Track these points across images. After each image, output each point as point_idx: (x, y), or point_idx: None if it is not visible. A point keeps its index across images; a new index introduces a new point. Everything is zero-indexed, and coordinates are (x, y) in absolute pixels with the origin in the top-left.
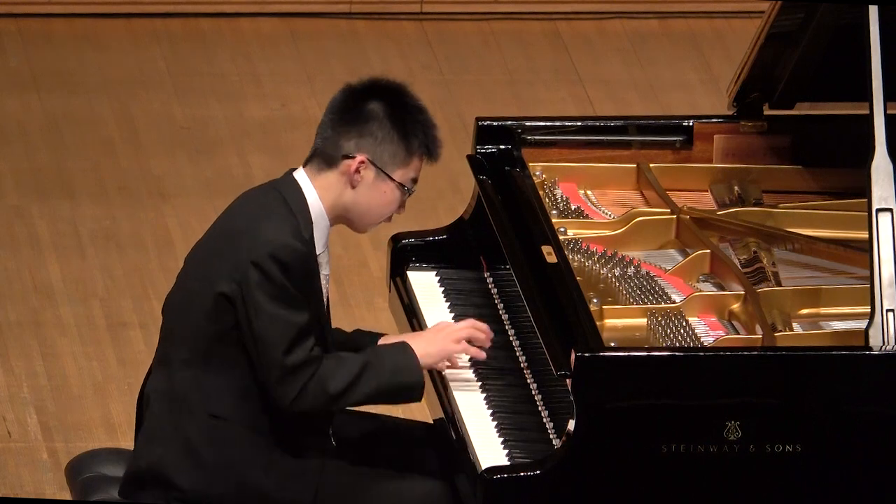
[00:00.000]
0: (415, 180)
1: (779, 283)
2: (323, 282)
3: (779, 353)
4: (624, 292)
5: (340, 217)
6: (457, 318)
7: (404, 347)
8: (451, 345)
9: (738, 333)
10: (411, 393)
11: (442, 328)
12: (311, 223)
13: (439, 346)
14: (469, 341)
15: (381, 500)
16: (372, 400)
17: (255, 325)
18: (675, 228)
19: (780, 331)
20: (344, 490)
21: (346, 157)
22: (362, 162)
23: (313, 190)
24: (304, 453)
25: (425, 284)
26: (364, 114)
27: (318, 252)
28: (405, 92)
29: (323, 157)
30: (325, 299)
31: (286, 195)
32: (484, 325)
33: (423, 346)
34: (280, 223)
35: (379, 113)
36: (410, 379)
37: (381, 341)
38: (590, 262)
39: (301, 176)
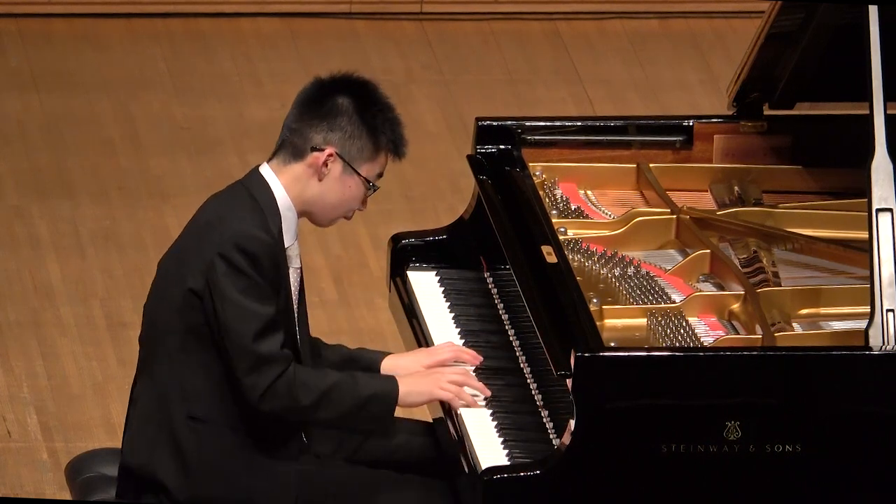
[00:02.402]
0: (380, 175)
1: (779, 283)
2: (293, 276)
3: (779, 353)
4: (624, 292)
5: (303, 211)
6: (457, 319)
7: (389, 380)
8: (437, 390)
9: (738, 333)
10: (378, 424)
11: (433, 371)
12: (279, 216)
13: (426, 388)
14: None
15: (380, 501)
16: (340, 420)
17: (222, 316)
18: (675, 228)
19: (780, 331)
20: (341, 490)
21: (315, 149)
22: (331, 155)
23: (279, 183)
24: (289, 453)
25: (425, 284)
26: (333, 107)
27: (287, 244)
28: (374, 89)
29: (290, 149)
30: (295, 294)
31: (252, 190)
32: (476, 382)
33: (410, 385)
34: (246, 215)
35: (348, 107)
36: (381, 410)
37: (386, 360)
38: (590, 262)
39: (266, 171)
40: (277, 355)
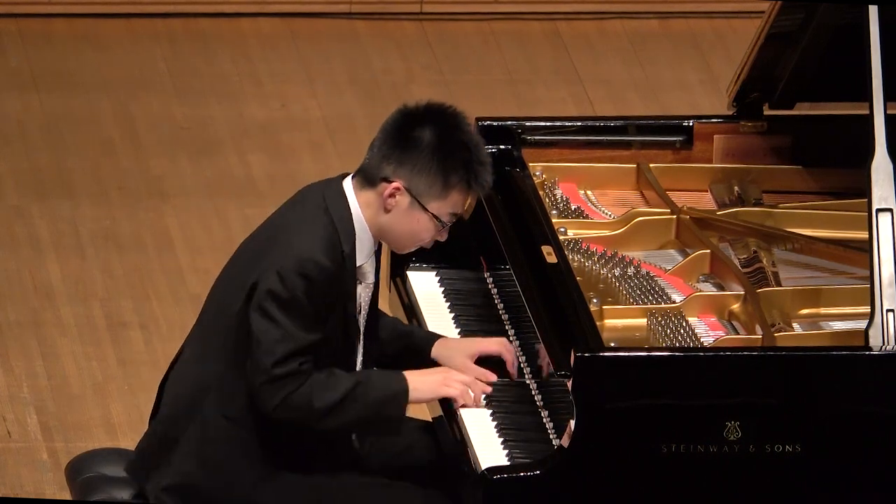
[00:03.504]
0: (454, 215)
1: (779, 283)
2: (365, 292)
3: (779, 353)
4: (624, 292)
5: (377, 235)
6: (456, 319)
7: (399, 379)
8: (443, 388)
9: (738, 333)
10: (390, 424)
11: (443, 371)
12: (354, 236)
13: (432, 385)
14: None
15: (380, 501)
16: (353, 424)
17: (255, 325)
18: (675, 228)
19: (780, 331)
20: (341, 491)
21: (384, 179)
22: (397, 188)
23: (357, 203)
24: (312, 466)
25: (425, 284)
26: (409, 140)
27: (359, 263)
28: (457, 124)
29: (365, 175)
30: (365, 307)
31: (331, 205)
32: (482, 384)
33: (418, 382)
34: (315, 235)
35: (423, 141)
36: (393, 411)
37: (438, 343)
38: (590, 262)
39: (348, 187)
40: (294, 372)
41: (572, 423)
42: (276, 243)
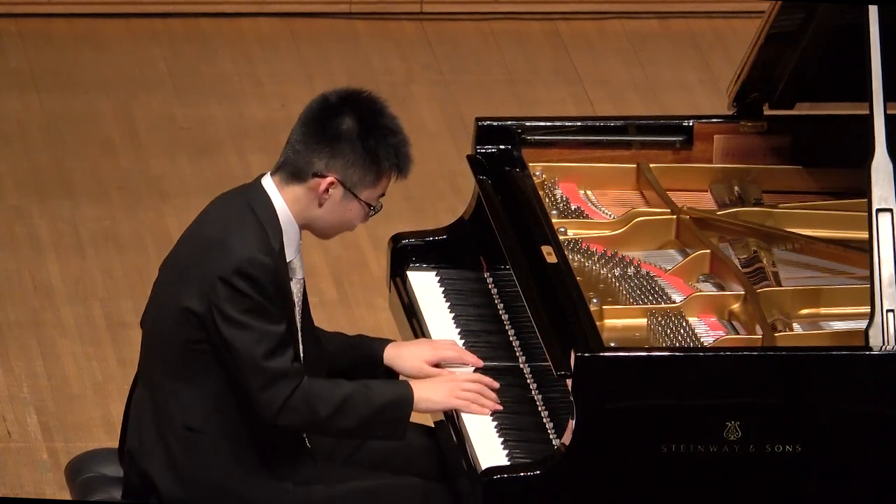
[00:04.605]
0: (381, 195)
1: (779, 283)
2: (296, 287)
3: (779, 353)
4: (624, 292)
5: (304, 225)
6: (457, 319)
7: (403, 386)
8: (453, 399)
9: (738, 333)
10: (394, 429)
11: (449, 379)
12: (281, 232)
13: (441, 397)
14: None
15: (381, 501)
16: (358, 429)
17: (228, 338)
18: (675, 228)
19: (780, 331)
20: (342, 492)
21: (316, 175)
22: (332, 183)
23: (281, 199)
24: (286, 460)
25: (425, 284)
26: (337, 132)
27: (289, 258)
28: (380, 110)
29: (292, 171)
30: (298, 305)
31: (254, 205)
32: (490, 382)
33: (427, 391)
34: (247, 236)
35: (352, 133)
36: (397, 416)
37: (388, 349)
38: (590, 262)
39: (269, 184)
40: (290, 369)
41: (572, 423)
42: (209, 252)
